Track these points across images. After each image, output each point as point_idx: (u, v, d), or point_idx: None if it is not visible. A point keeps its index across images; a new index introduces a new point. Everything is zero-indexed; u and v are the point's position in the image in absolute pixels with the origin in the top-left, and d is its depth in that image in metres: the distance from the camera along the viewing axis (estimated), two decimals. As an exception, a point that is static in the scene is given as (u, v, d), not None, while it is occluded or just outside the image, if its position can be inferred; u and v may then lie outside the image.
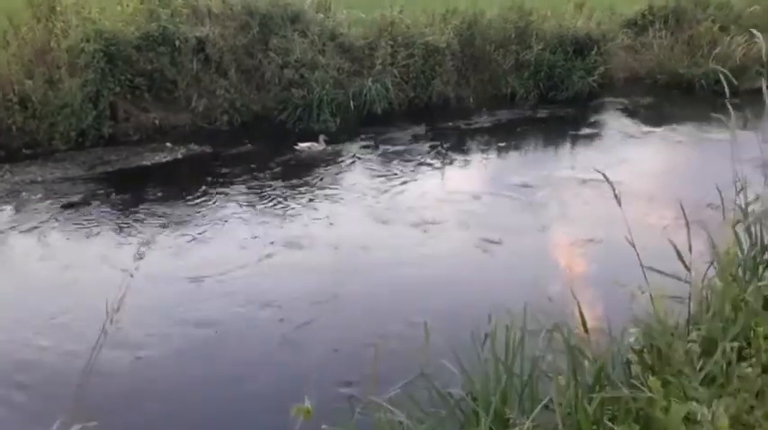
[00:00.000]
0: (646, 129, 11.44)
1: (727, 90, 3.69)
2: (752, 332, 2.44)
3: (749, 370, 1.91)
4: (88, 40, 9.27)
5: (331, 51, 11.41)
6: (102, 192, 7.68)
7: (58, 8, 9.86)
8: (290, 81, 10.72)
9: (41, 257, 6.20)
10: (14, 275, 5.84)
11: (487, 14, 13.06)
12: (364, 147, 9.69)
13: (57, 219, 6.92)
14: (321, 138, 9.56)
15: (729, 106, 3.79)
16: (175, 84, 10.21)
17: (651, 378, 1.93)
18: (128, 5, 10.31)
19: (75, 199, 7.45)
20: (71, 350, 4.47)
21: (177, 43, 10.06)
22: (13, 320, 5.06)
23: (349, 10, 12.69)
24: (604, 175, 3.24)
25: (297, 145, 9.41)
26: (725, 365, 2.12)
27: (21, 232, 6.65)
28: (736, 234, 3.55)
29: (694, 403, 1.81)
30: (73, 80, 9.30)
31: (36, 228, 6.72)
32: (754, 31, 4.10)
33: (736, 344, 2.17)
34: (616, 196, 3.18)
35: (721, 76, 3.93)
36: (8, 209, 7.24)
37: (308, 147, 9.37)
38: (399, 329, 4.72)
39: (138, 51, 9.81)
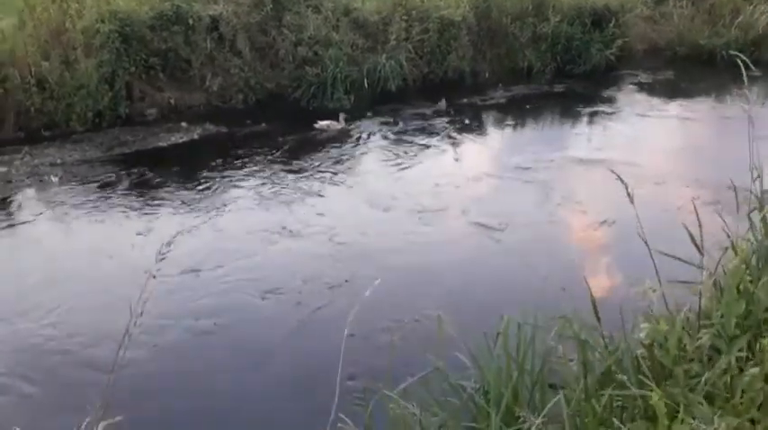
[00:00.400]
0: (664, 104, 11.28)
1: (745, 76, 3.64)
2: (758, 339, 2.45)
3: (755, 383, 1.94)
4: (103, 21, 9.30)
5: (345, 27, 11.33)
6: (121, 173, 7.79)
7: (72, -11, 9.86)
8: (303, 58, 10.69)
9: (62, 242, 6.34)
10: (36, 259, 5.97)
11: (504, -13, 12.82)
12: (379, 124, 9.68)
13: (76, 202, 7.03)
14: (341, 116, 9.58)
15: (746, 89, 3.72)
16: (189, 63, 10.23)
17: (654, 396, 1.97)
18: (140, -16, 10.28)
19: (94, 181, 7.56)
20: (92, 342, 4.61)
21: (191, 22, 10.06)
22: (35, 306, 5.20)
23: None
24: (617, 175, 3.22)
25: (317, 123, 9.44)
26: (729, 379, 2.15)
27: (41, 216, 6.79)
28: (751, 222, 3.54)
29: (695, 423, 1.85)
30: (88, 61, 9.35)
31: (56, 211, 6.86)
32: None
33: (742, 354, 2.20)
34: (629, 194, 3.17)
35: (738, 59, 3.87)
36: (30, 192, 7.38)
37: (328, 126, 9.40)
38: (413, 317, 4.79)
39: (153, 31, 9.81)
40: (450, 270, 5.66)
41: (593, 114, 10.49)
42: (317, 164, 8.15)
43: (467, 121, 9.99)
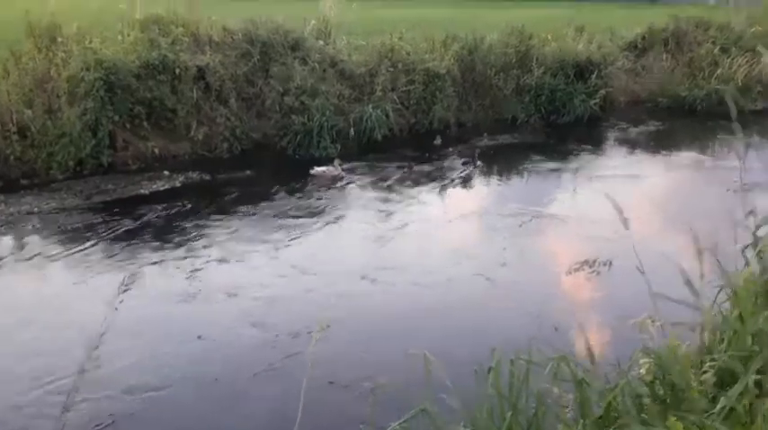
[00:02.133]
0: (649, 152, 11.36)
1: (734, 111, 3.61)
2: None
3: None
4: (88, 69, 9.24)
5: (331, 78, 11.41)
6: (98, 220, 7.55)
7: (60, 38, 9.86)
8: (290, 108, 10.68)
9: (30, 289, 6.04)
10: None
11: (487, 39, 13.07)
12: (365, 173, 9.58)
13: (50, 250, 6.77)
14: (336, 162, 9.51)
15: (738, 126, 3.64)
16: (175, 112, 10.14)
17: (671, 419, 1.76)
18: (128, 35, 10.31)
19: (69, 229, 7.31)
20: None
21: (177, 71, 10.03)
22: None
23: (349, 37, 12.73)
24: (612, 199, 3.11)
25: (312, 169, 9.36)
26: (747, 403, 1.95)
27: (13, 264, 6.51)
28: (745, 258, 3.42)
29: None
30: (72, 109, 9.25)
31: (28, 260, 6.58)
32: (761, 47, 3.97)
33: (758, 376, 2.00)
34: (623, 221, 3.06)
35: (727, 97, 3.86)
36: (2, 240, 7.12)
37: (323, 172, 9.32)
38: (398, 360, 4.53)
39: (138, 80, 9.75)
40: (438, 312, 5.44)
41: (578, 162, 10.50)
42: (297, 211, 7.98)
43: (451, 170, 9.92)
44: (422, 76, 11.94)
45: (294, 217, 7.75)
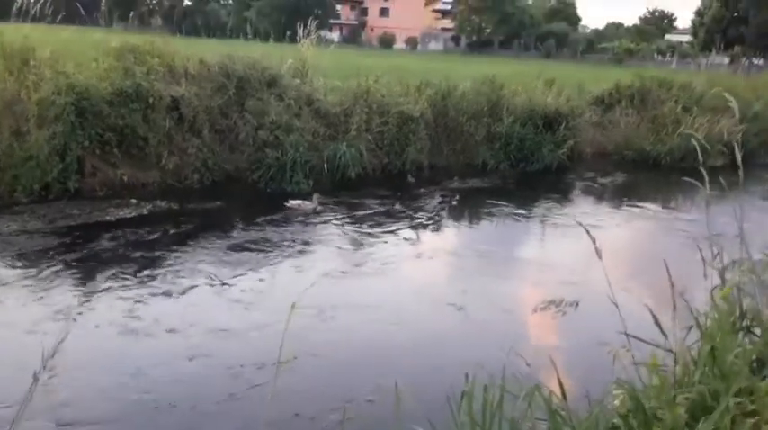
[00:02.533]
0: (615, 202, 11.59)
1: (701, 158, 3.76)
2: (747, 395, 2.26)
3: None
4: (59, 93, 9.10)
5: (306, 115, 11.46)
6: (58, 245, 7.31)
7: (32, 62, 9.72)
8: (264, 142, 10.67)
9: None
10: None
11: (460, 87, 13.37)
12: (337, 209, 9.54)
13: (3, 273, 6.50)
14: (315, 196, 9.48)
15: (704, 174, 3.74)
16: (146, 140, 10.01)
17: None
18: (103, 62, 10.23)
19: (28, 251, 7.05)
20: None
21: (151, 100, 9.95)
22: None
23: (325, 78, 12.87)
24: (584, 227, 3.16)
25: (288, 202, 9.33)
26: (729, 423, 1.92)
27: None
28: (713, 299, 3.47)
29: None
30: (41, 132, 9.07)
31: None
32: (727, 95, 4.13)
33: (738, 399, 1.99)
34: (596, 249, 3.10)
35: (696, 145, 4.04)
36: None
37: (299, 205, 9.30)
38: (367, 394, 4.42)
39: (110, 106, 9.63)
40: (407, 346, 5.33)
41: (545, 209, 10.60)
42: (264, 243, 7.84)
43: (423, 210, 9.95)
44: (396, 118, 12.10)
45: (260, 250, 7.58)
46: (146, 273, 6.67)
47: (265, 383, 4.53)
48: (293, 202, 9.31)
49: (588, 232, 3.02)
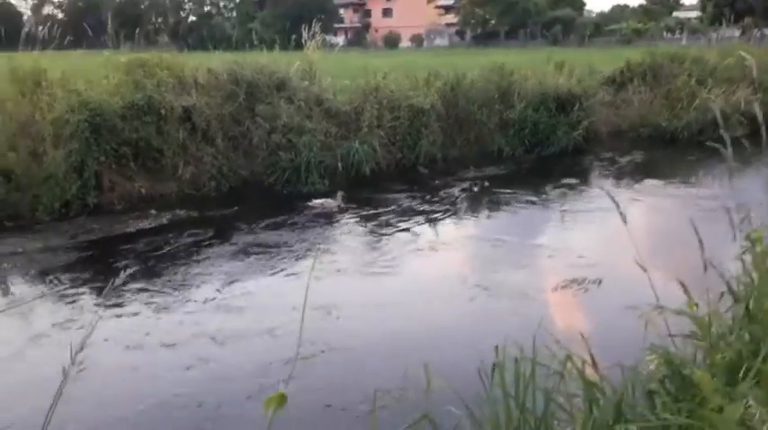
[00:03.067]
0: (635, 179, 11.41)
1: (721, 124, 3.65)
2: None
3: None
4: (73, 111, 9.19)
5: (317, 116, 11.46)
6: (83, 258, 7.39)
7: (44, 83, 9.84)
8: (277, 145, 10.70)
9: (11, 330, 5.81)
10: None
11: (469, 76, 13.27)
12: (354, 207, 9.51)
13: (33, 289, 6.58)
14: (339, 194, 9.47)
15: (726, 139, 3.63)
16: (161, 152, 10.09)
17: (698, 371, 1.66)
18: (113, 78, 10.32)
19: (53, 267, 7.13)
20: None
21: (163, 112, 10.02)
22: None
23: (333, 79, 12.86)
24: (610, 196, 3.08)
25: (311, 201, 9.37)
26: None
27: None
28: (743, 263, 3.40)
29: (751, 402, 1.54)
30: (57, 151, 9.16)
31: (12, 298, 6.38)
32: (744, 53, 4.02)
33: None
34: (621, 214, 3.03)
35: (716, 112, 3.94)
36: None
37: (322, 204, 9.34)
38: (398, 383, 4.37)
39: (124, 121, 9.71)
40: (435, 329, 5.31)
41: (564, 192, 10.44)
42: (285, 245, 7.83)
43: (439, 202, 9.89)
44: (407, 113, 12.06)
45: (281, 252, 7.58)
46: (168, 280, 6.70)
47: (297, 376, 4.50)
48: (316, 202, 9.34)
49: (612, 197, 2.94)
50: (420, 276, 6.90)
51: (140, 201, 9.66)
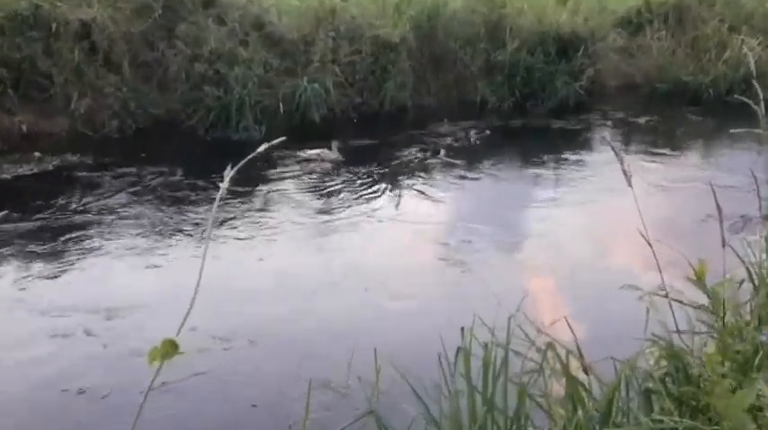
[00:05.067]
0: (648, 145, 11.57)
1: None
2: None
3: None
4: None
5: (255, 43, 11.29)
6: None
7: None
8: (202, 77, 10.56)
9: None
10: None
11: (450, 5, 13.21)
12: (297, 161, 9.44)
13: None
14: (334, 144, 9.63)
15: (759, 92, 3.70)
16: (50, 78, 9.88)
17: (708, 351, 1.72)
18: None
19: None
20: None
21: (54, 27, 9.80)
22: None
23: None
24: (612, 147, 3.12)
25: (304, 152, 9.53)
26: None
27: None
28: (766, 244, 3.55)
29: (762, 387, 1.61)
30: None
31: None
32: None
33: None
34: (625, 172, 3.07)
35: (752, 65, 3.98)
36: None
37: (318, 155, 9.50)
38: (341, 372, 4.41)
39: (2, 36, 9.47)
40: (391, 314, 5.39)
41: (558, 159, 10.49)
42: (198, 205, 7.80)
43: (405, 162, 9.90)
44: (370, 46, 11.97)
45: (190, 215, 7.55)
46: (44, 244, 6.63)
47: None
48: (311, 152, 9.53)
49: (616, 152, 2.96)
50: (373, 251, 6.96)
51: (21, 141, 9.48)
